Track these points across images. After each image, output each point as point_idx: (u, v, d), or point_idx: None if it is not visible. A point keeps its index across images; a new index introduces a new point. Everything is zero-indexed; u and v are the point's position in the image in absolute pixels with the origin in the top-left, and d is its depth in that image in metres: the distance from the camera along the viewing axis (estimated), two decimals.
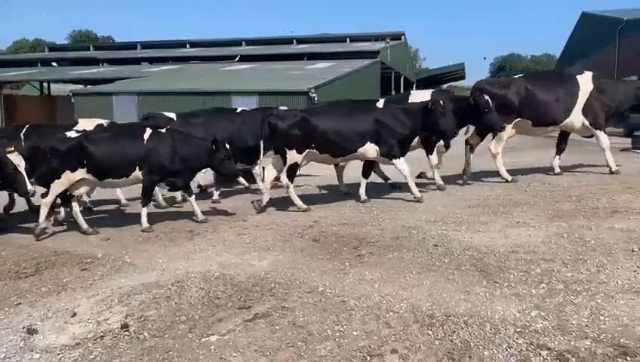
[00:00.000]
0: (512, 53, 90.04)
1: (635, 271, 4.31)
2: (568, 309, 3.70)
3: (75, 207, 7.20)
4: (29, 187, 6.87)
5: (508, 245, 5.25)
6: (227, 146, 7.50)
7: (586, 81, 8.93)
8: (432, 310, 3.84)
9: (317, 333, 3.59)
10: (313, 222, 6.80)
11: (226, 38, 49.36)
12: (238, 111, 9.91)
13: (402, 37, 47.86)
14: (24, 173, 6.87)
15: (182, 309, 4.17)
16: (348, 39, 47.05)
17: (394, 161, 7.83)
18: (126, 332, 3.82)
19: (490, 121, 8.17)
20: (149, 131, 7.26)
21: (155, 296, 4.45)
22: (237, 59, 40.06)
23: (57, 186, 7.04)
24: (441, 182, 8.60)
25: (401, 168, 7.85)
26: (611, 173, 8.74)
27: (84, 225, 7.03)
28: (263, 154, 8.33)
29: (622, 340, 3.22)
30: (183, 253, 5.81)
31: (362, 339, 3.45)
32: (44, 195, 7.15)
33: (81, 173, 7.01)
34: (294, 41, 48.11)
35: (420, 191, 7.85)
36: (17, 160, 6.85)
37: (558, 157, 9.35)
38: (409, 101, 8.85)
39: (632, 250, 4.83)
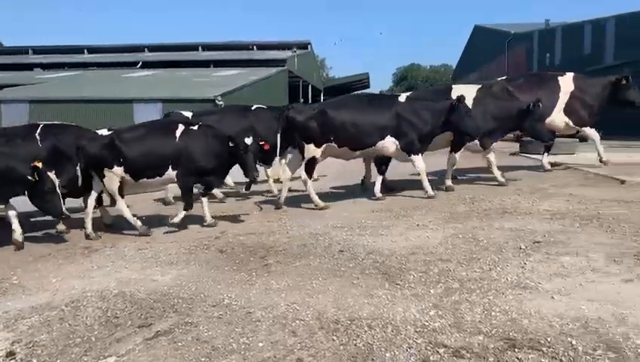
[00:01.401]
0: (413, 64, 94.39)
1: (522, 268, 4.64)
2: (463, 307, 3.90)
3: None
4: (64, 208, 6.37)
5: (408, 247, 5.46)
6: (261, 143, 7.27)
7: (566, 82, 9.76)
8: (337, 315, 3.89)
9: (222, 347, 3.51)
10: (220, 233, 6.67)
11: (127, 43, 47.47)
12: (252, 108, 10.03)
13: (309, 46, 48.64)
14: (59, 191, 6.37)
15: (76, 331, 3.91)
16: (255, 47, 46.99)
17: (412, 156, 7.95)
18: (12, 361, 3.52)
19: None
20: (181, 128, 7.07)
21: (47, 319, 4.14)
22: (139, 65, 38.64)
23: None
24: (449, 183, 8.75)
25: (418, 165, 8.00)
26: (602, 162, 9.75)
27: None
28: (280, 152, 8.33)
29: (511, 333, 3.43)
30: (78, 270, 5.46)
31: (268, 350, 3.42)
32: None
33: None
34: (200, 47, 47.25)
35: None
36: (53, 176, 6.35)
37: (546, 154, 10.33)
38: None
39: (520, 248, 5.20)
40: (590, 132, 9.75)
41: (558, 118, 9.62)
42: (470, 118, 7.90)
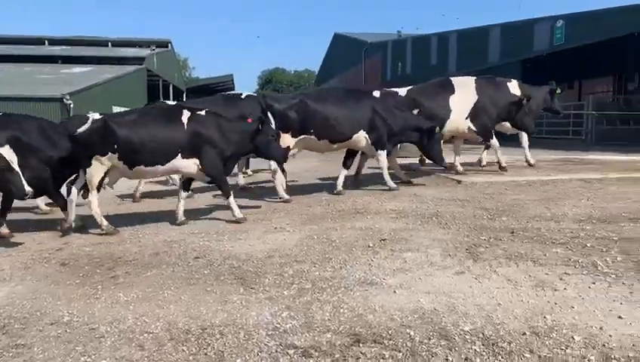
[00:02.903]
0: (278, 67, 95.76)
1: (369, 265, 4.91)
2: (314, 306, 4.02)
3: None
4: (27, 187, 5.82)
5: (265, 250, 5.51)
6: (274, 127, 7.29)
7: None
8: (188, 325, 3.78)
9: None
10: (63, 244, 6.15)
11: None
12: (243, 96, 9.51)
13: (169, 45, 46.93)
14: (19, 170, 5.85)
15: None
16: (110, 44, 44.20)
17: (378, 151, 8.29)
18: None
19: None
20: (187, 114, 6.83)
21: None
22: None
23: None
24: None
25: (382, 160, 8.37)
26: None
27: None
28: None
29: (357, 329, 3.61)
30: None
31: None
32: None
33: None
34: (46, 42, 43.27)
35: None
36: (9, 154, 5.86)
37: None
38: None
39: (369, 246, 5.51)
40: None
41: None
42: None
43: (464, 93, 9.69)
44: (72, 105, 21.08)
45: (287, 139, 7.93)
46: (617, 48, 20.44)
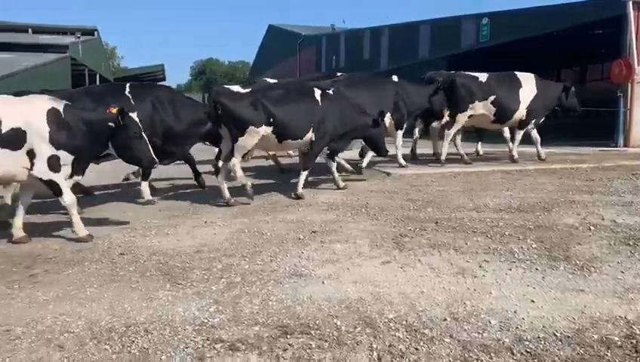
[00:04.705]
0: (211, 58, 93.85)
1: (299, 257, 4.96)
2: (243, 300, 4.02)
3: None
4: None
5: (194, 245, 5.43)
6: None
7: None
8: (111, 323, 3.67)
9: None
10: None
11: None
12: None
13: (95, 33, 44.88)
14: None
15: None
16: (30, 30, 41.67)
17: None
18: None
19: None
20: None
21: None
22: None
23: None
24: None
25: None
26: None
27: None
28: None
29: (285, 321, 3.64)
30: None
31: None
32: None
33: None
34: None
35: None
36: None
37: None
38: None
39: (299, 238, 5.55)
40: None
41: None
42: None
43: (529, 87, 10.58)
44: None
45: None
46: (541, 46, 21.48)
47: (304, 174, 7.69)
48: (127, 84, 7.77)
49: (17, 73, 24.69)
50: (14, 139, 5.33)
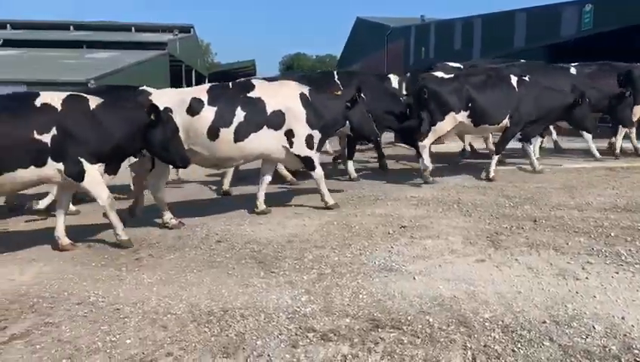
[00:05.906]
0: (299, 53, 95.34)
1: (389, 251, 4.92)
2: (334, 291, 4.06)
3: None
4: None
5: (286, 235, 5.55)
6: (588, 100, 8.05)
7: None
8: (210, 307, 3.86)
9: (85, 347, 3.33)
10: (86, 227, 6.28)
11: None
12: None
13: (191, 30, 47.05)
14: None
15: None
16: (133, 29, 44.49)
17: None
18: None
19: None
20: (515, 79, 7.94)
21: None
22: (0, 43, 34.91)
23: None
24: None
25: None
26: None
27: None
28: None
29: (376, 314, 3.64)
30: None
31: (135, 347, 3.31)
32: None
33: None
34: (71, 27, 43.73)
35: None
36: None
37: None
38: None
39: (388, 233, 5.51)
40: None
41: None
42: None
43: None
44: None
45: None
46: None
47: (495, 158, 8.25)
48: (335, 72, 9.23)
49: (122, 70, 26.42)
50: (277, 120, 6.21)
